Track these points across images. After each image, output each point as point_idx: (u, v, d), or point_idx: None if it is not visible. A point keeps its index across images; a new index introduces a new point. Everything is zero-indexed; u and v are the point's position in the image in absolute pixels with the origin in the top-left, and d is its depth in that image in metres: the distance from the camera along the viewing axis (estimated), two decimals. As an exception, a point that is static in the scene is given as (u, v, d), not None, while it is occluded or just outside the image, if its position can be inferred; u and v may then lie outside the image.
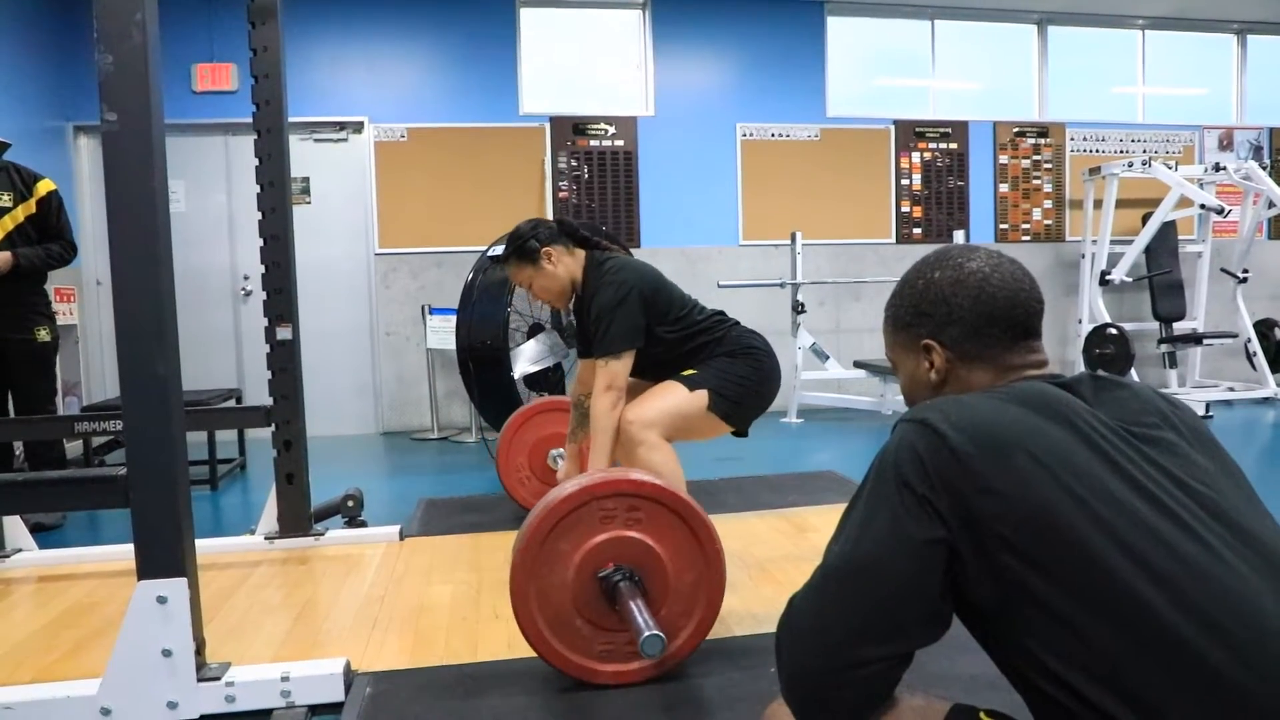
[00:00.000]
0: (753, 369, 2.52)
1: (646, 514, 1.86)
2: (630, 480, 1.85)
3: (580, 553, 1.82)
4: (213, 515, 3.90)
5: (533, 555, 1.81)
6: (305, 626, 2.34)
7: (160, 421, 1.72)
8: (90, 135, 5.85)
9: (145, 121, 1.68)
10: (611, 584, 1.80)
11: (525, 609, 1.81)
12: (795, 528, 3.20)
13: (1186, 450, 0.98)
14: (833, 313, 6.69)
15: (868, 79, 6.90)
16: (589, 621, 1.85)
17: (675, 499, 1.87)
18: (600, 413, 2.42)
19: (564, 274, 2.63)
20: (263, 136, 2.92)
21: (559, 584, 1.82)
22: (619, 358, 2.44)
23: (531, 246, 2.61)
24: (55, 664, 2.11)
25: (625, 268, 2.55)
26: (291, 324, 2.96)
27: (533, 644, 1.84)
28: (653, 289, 2.54)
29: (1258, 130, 7.31)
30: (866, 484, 1.00)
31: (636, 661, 1.87)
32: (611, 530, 1.84)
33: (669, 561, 1.86)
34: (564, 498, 1.82)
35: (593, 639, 1.86)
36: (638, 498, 1.85)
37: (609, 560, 1.83)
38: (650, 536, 1.85)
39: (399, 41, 6.13)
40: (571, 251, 2.64)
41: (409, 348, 6.18)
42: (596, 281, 2.55)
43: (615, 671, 1.88)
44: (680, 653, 1.91)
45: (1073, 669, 0.87)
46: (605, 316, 2.45)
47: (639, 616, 1.71)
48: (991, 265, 1.11)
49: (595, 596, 1.83)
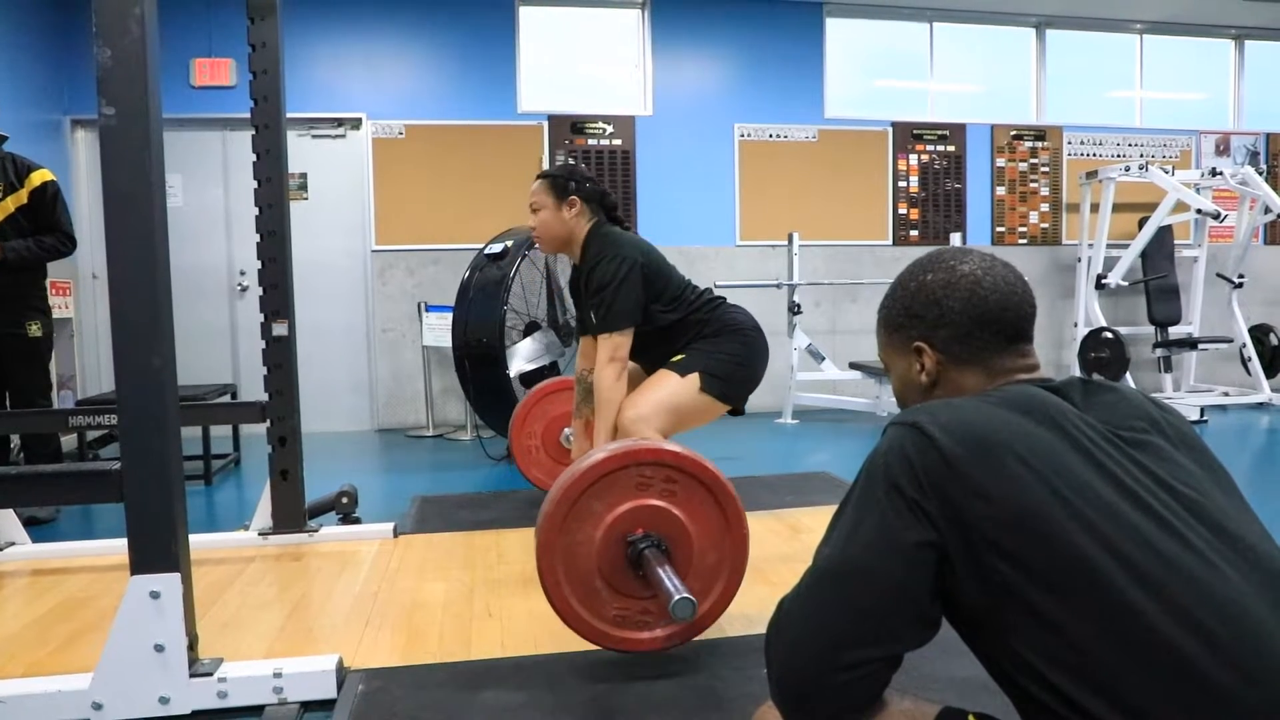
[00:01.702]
0: (740, 345, 2.55)
1: (682, 488, 1.86)
2: (673, 452, 1.86)
3: (612, 514, 1.82)
4: (207, 510, 3.89)
5: (565, 510, 1.80)
6: (298, 623, 2.34)
7: (155, 416, 1.72)
8: (87, 129, 5.83)
9: (143, 116, 1.68)
10: (638, 550, 1.80)
11: (549, 561, 1.81)
12: (789, 528, 3.21)
13: (1174, 454, 0.99)
14: (829, 314, 6.70)
15: (866, 81, 6.91)
16: (608, 584, 1.84)
17: (713, 478, 1.88)
18: (605, 385, 2.43)
19: (571, 227, 2.63)
20: (260, 132, 2.92)
21: (585, 540, 1.82)
22: (621, 332, 2.45)
23: (569, 187, 2.62)
24: (47, 658, 2.11)
25: (627, 243, 2.56)
26: (288, 320, 2.96)
27: (550, 596, 1.83)
28: (654, 267, 2.55)
29: (1254, 136, 7.33)
30: (856, 486, 1.01)
31: (648, 631, 1.88)
32: (646, 498, 1.84)
33: (696, 539, 1.87)
34: (606, 457, 1.82)
35: (609, 602, 1.86)
36: (677, 470, 1.86)
37: (639, 527, 1.83)
38: (682, 511, 1.85)
39: (398, 38, 6.12)
40: (590, 219, 2.65)
41: (405, 345, 6.18)
42: (597, 253, 2.55)
43: (625, 638, 1.88)
44: (671, 641, 1.91)
45: (1060, 671, 0.88)
46: (607, 291, 2.46)
47: (669, 581, 1.71)
48: (984, 268, 1.11)
49: (619, 560, 1.83)
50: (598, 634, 1.87)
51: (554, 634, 2.22)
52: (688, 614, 1.67)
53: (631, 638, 1.88)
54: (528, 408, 3.54)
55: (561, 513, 1.80)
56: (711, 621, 1.95)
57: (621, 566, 1.83)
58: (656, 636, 1.89)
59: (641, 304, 2.50)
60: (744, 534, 1.92)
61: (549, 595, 1.83)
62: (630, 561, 1.82)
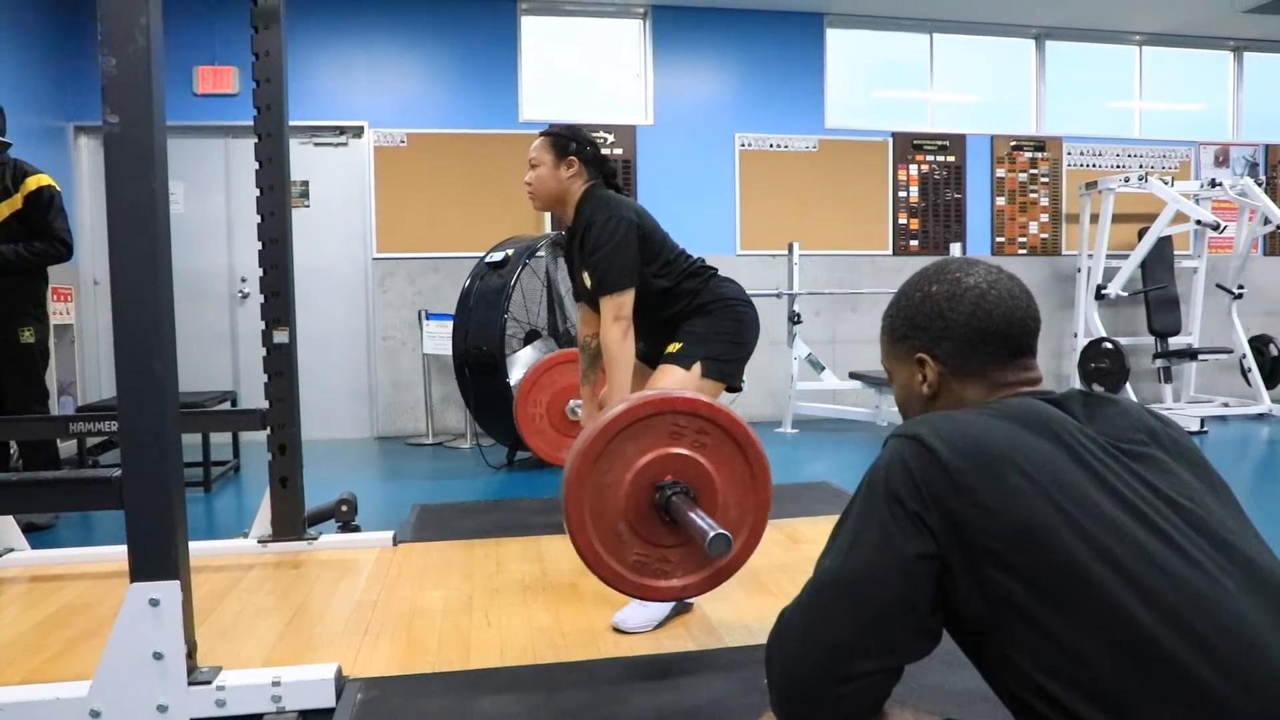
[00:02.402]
0: (734, 322, 2.53)
1: (713, 440, 1.87)
2: (708, 404, 1.87)
3: (644, 458, 1.82)
4: (206, 518, 3.89)
5: (600, 448, 1.80)
6: (297, 631, 2.33)
7: (156, 423, 1.72)
8: (91, 135, 5.85)
9: (147, 124, 1.68)
10: (666, 496, 1.80)
11: (576, 497, 1.80)
12: (789, 538, 3.20)
13: (1173, 467, 0.99)
14: (829, 323, 6.70)
15: (866, 91, 6.93)
16: (631, 528, 1.84)
17: (745, 435, 1.89)
18: (612, 342, 2.42)
19: (566, 187, 2.60)
20: (263, 141, 2.93)
21: (614, 483, 1.81)
22: (622, 292, 2.44)
23: (569, 147, 2.60)
24: (45, 665, 2.11)
25: (621, 203, 2.54)
26: (289, 327, 2.96)
27: (574, 534, 1.82)
28: (648, 229, 2.53)
29: (1254, 147, 7.35)
30: (857, 498, 1.01)
31: (664, 580, 1.87)
32: (678, 446, 1.84)
33: (721, 492, 1.87)
34: (643, 402, 1.83)
35: (630, 546, 1.85)
36: (710, 423, 1.86)
37: (668, 474, 1.83)
38: (711, 463, 1.86)
39: (400, 47, 6.15)
40: (586, 181, 2.63)
41: (405, 353, 6.18)
42: (591, 213, 2.53)
43: (643, 584, 1.88)
44: (688, 592, 1.91)
45: (1060, 684, 0.88)
46: (603, 252, 2.44)
47: (702, 520, 1.72)
48: (989, 281, 1.11)
49: (645, 505, 1.82)
50: (615, 576, 1.86)
51: (553, 644, 2.23)
52: (724, 549, 1.67)
53: (648, 584, 1.88)
54: (534, 377, 3.53)
55: (596, 450, 1.80)
56: (727, 576, 1.93)
57: (647, 511, 1.83)
58: (673, 586, 1.89)
59: (638, 264, 2.48)
60: (768, 495, 1.92)
61: (572, 532, 1.81)
62: (656, 507, 1.82)
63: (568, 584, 2.71)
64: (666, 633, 2.29)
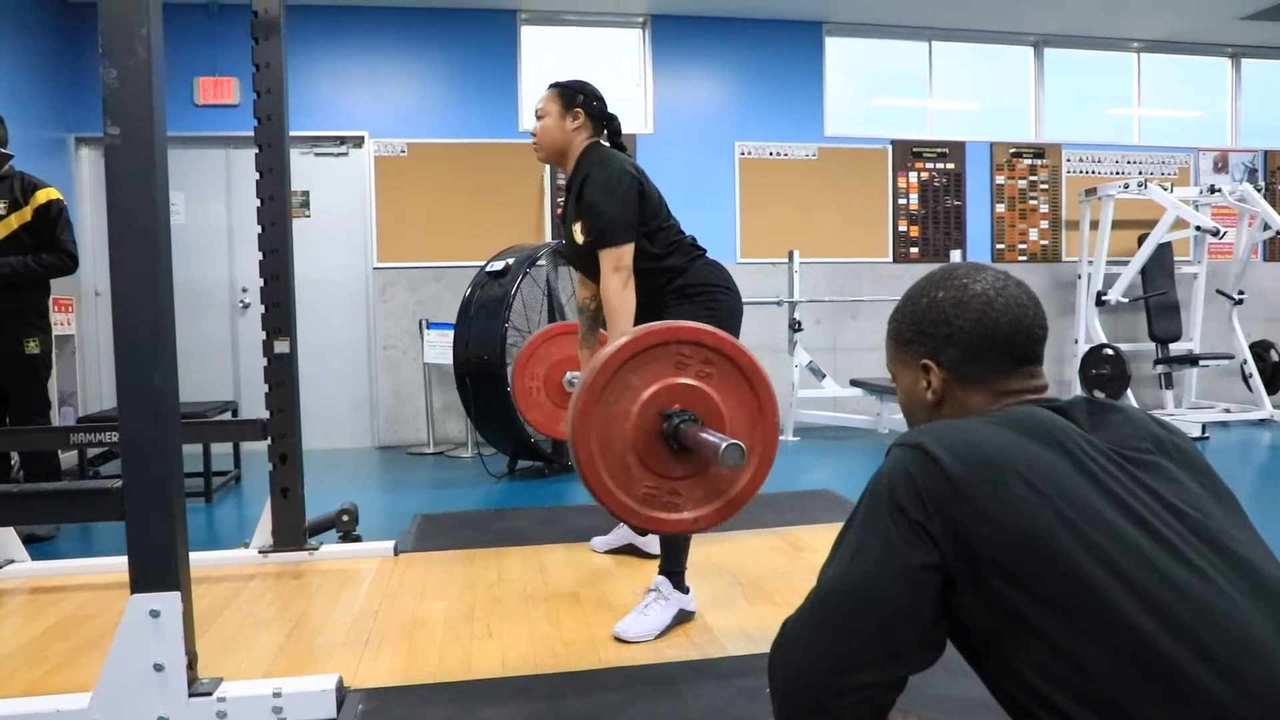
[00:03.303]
0: (712, 311, 2.45)
1: (719, 370, 1.84)
2: (712, 333, 1.84)
3: (649, 390, 1.79)
4: (207, 528, 3.89)
5: (604, 380, 1.78)
6: (298, 642, 2.33)
7: (156, 433, 1.72)
8: (92, 146, 5.86)
9: (148, 136, 1.69)
10: (675, 424, 1.78)
11: (584, 430, 1.77)
12: (791, 546, 3.20)
13: (1178, 475, 0.99)
14: (829, 331, 6.71)
15: (865, 99, 6.95)
16: (640, 460, 1.81)
17: (750, 363, 1.86)
18: (613, 292, 2.40)
19: (570, 139, 2.59)
20: (264, 151, 2.93)
21: (621, 415, 1.79)
22: (621, 245, 2.41)
23: (577, 99, 2.59)
24: (46, 677, 2.10)
25: (622, 160, 2.53)
26: (289, 338, 2.96)
27: (583, 469, 1.79)
28: (647, 190, 2.52)
29: (1252, 153, 7.36)
30: (860, 508, 1.00)
31: (675, 513, 1.85)
32: (683, 376, 1.82)
33: (729, 422, 1.84)
34: (647, 332, 1.81)
35: (639, 479, 1.82)
36: (716, 353, 1.84)
37: (675, 404, 1.81)
38: (717, 393, 1.83)
39: (400, 57, 6.16)
40: (590, 136, 2.62)
41: (406, 362, 6.19)
42: (589, 167, 2.51)
43: (653, 517, 1.84)
44: (699, 524, 1.88)
45: (1064, 693, 0.87)
46: (601, 206, 2.42)
47: (712, 436, 1.70)
48: (996, 289, 1.10)
49: (654, 436, 1.80)
50: (625, 510, 1.83)
51: (554, 653, 2.22)
52: (737, 459, 1.65)
53: (658, 517, 1.85)
54: (533, 348, 3.52)
55: (600, 383, 1.77)
56: (737, 507, 1.90)
57: (655, 442, 1.80)
58: (684, 519, 1.86)
59: (637, 221, 2.45)
60: (775, 422, 1.90)
61: (581, 467, 1.79)
62: (665, 436, 1.79)
63: (569, 593, 2.70)
64: (668, 642, 2.29)
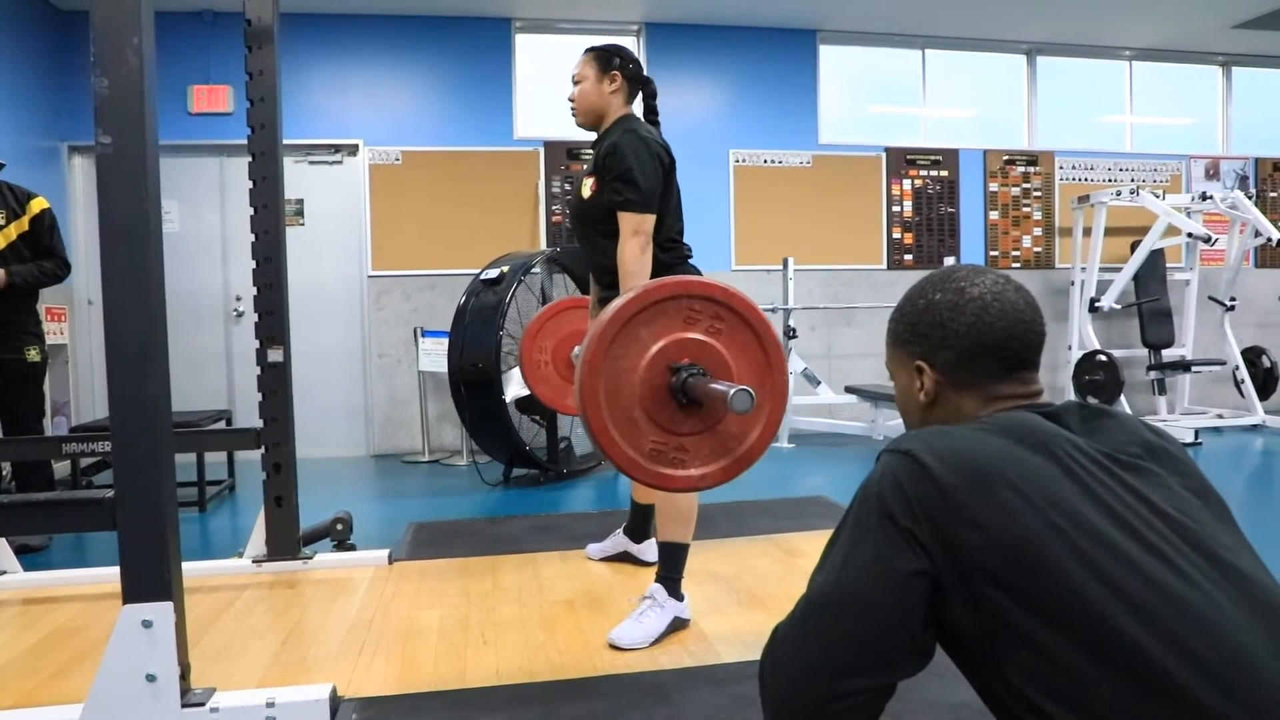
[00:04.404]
0: None
1: (728, 326, 1.82)
2: (723, 289, 1.82)
3: (659, 343, 1.77)
4: (200, 537, 3.87)
5: (614, 332, 1.76)
6: (292, 651, 2.32)
7: (149, 443, 1.71)
8: (84, 155, 5.86)
9: (140, 145, 1.69)
10: (683, 378, 1.76)
11: (592, 382, 1.75)
12: (785, 553, 3.20)
13: (1168, 481, 0.99)
14: (824, 338, 6.72)
15: (859, 106, 6.97)
16: (647, 414, 1.78)
17: (760, 320, 1.84)
18: (629, 256, 2.38)
19: (608, 102, 2.61)
20: (257, 160, 2.93)
21: (629, 368, 1.77)
22: (643, 213, 2.40)
23: (613, 62, 2.62)
24: (38, 688, 2.09)
25: (656, 138, 2.52)
26: (283, 346, 2.96)
27: (589, 420, 1.76)
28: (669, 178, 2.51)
29: (1243, 160, 7.40)
30: (850, 515, 1.00)
31: (681, 469, 1.82)
32: (693, 331, 1.80)
33: (738, 377, 1.81)
34: (657, 285, 1.80)
35: (646, 434, 1.80)
36: (725, 308, 1.82)
37: (684, 358, 1.79)
38: (726, 349, 1.81)
39: (395, 65, 6.17)
40: (626, 101, 2.63)
41: (401, 370, 6.18)
42: (621, 134, 2.49)
43: (659, 472, 1.81)
44: (706, 481, 1.85)
45: (1053, 699, 0.87)
46: (635, 174, 2.39)
47: (720, 384, 1.68)
48: (993, 293, 1.09)
49: (662, 390, 1.78)
50: (632, 464, 1.80)
51: (549, 661, 2.22)
52: (747, 404, 1.63)
53: (664, 473, 1.82)
54: (541, 322, 3.53)
55: (610, 335, 1.75)
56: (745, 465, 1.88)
57: (663, 396, 1.78)
58: (690, 475, 1.83)
59: (659, 195, 2.44)
60: (785, 379, 1.88)
61: (588, 419, 1.77)
62: (673, 390, 1.77)
63: (564, 601, 2.70)
64: (662, 649, 2.29)
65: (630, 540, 3.08)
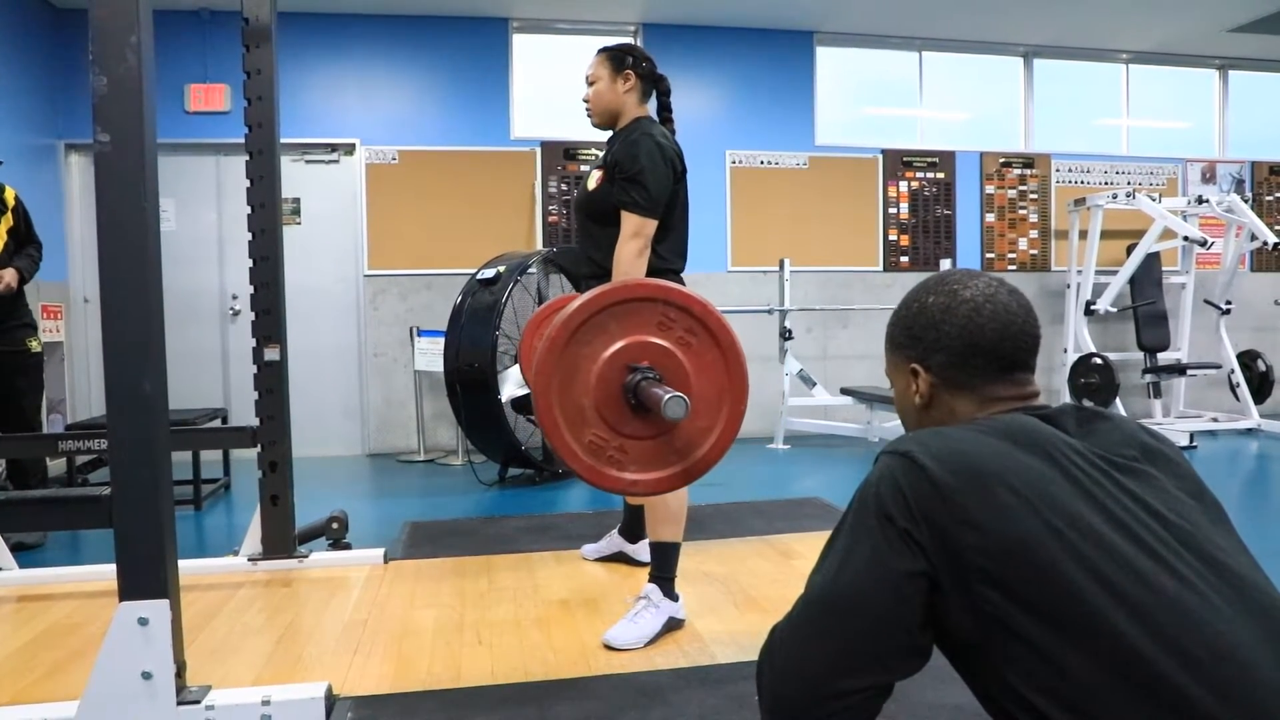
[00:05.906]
0: None
1: (699, 342, 1.80)
2: (701, 304, 1.80)
3: (626, 340, 1.75)
4: (196, 536, 3.87)
5: (584, 317, 1.73)
6: (287, 650, 2.32)
7: (145, 441, 1.71)
8: (81, 153, 5.85)
9: (138, 143, 1.68)
10: (637, 380, 1.73)
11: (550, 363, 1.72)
12: (781, 554, 3.20)
13: (1164, 483, 0.99)
14: (820, 339, 6.72)
15: (856, 108, 6.98)
16: (595, 408, 1.75)
17: (730, 342, 1.82)
18: (626, 257, 2.39)
19: (623, 101, 2.61)
20: (254, 159, 2.93)
21: (590, 355, 1.74)
22: (647, 215, 2.41)
23: (627, 61, 2.60)
24: (33, 685, 2.09)
25: (671, 146, 2.53)
26: (279, 345, 2.95)
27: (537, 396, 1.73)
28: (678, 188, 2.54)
29: (1240, 164, 7.42)
30: (848, 516, 1.01)
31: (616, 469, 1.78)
32: (662, 338, 1.77)
33: (697, 397, 1.77)
34: (640, 283, 1.79)
35: (590, 425, 1.76)
36: (700, 324, 1.79)
37: (645, 361, 1.76)
38: (692, 365, 1.79)
39: (392, 65, 6.17)
40: (640, 100, 2.63)
41: (397, 369, 6.18)
42: (637, 137, 2.49)
43: (593, 468, 1.77)
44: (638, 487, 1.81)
45: (1050, 701, 0.88)
46: (646, 176, 2.40)
47: (663, 390, 1.66)
48: (986, 295, 1.10)
49: (615, 388, 1.75)
50: (569, 453, 1.77)
51: (544, 661, 2.22)
52: (679, 412, 1.61)
53: (599, 469, 1.78)
54: (544, 314, 3.54)
55: (579, 319, 1.73)
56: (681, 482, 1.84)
57: (615, 393, 1.75)
58: (623, 478, 1.80)
59: (664, 201, 2.45)
60: (741, 410, 1.84)
61: (537, 397, 1.74)
62: (626, 390, 1.75)
63: (559, 601, 2.70)
64: (658, 649, 2.29)
65: (625, 540, 3.08)
